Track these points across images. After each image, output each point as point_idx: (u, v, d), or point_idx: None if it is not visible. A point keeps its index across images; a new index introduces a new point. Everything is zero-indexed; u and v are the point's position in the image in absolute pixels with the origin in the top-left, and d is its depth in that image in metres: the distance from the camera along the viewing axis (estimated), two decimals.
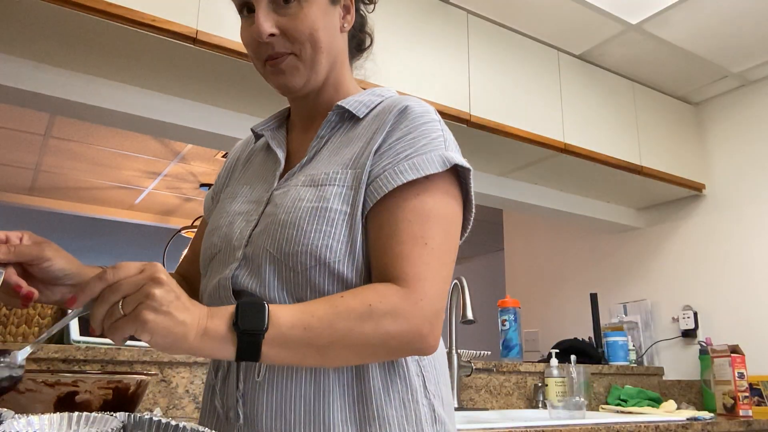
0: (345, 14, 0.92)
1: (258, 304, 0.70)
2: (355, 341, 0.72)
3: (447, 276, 0.79)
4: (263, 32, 0.84)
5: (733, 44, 2.55)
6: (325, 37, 0.87)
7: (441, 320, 0.77)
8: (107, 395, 0.77)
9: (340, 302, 0.73)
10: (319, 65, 0.88)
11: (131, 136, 3.95)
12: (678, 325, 2.93)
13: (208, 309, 0.69)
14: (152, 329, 0.63)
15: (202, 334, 0.67)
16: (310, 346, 0.71)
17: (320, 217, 0.79)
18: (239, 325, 0.68)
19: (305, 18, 0.85)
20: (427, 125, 0.84)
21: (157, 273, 0.65)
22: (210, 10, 1.71)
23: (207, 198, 1.07)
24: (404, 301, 0.74)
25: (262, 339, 0.68)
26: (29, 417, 0.58)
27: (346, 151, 0.86)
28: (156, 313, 0.64)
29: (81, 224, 6.02)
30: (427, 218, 0.79)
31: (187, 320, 0.66)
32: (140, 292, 0.64)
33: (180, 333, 0.65)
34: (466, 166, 0.84)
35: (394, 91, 0.96)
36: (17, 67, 1.76)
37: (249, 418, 0.79)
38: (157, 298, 0.64)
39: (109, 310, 0.64)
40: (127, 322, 0.64)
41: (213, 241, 0.90)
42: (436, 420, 0.83)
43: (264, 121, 1.00)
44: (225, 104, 2.06)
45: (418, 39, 2.16)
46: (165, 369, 1.68)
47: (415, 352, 0.76)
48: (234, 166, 1.04)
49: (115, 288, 0.64)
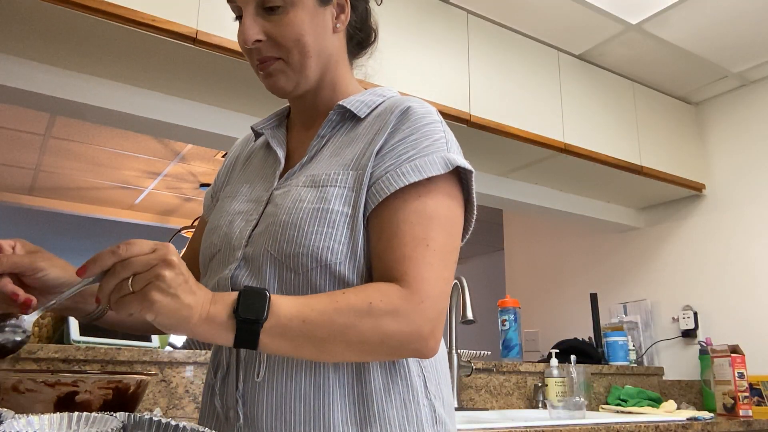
0: (339, 13, 0.91)
1: (260, 292, 0.70)
2: (353, 338, 0.72)
3: (449, 277, 0.79)
4: (248, 38, 0.85)
5: (733, 44, 2.55)
6: (313, 42, 0.87)
7: (442, 322, 0.77)
8: (107, 395, 0.77)
9: (341, 298, 0.73)
10: (308, 69, 0.88)
11: (131, 136, 3.95)
12: (678, 325, 2.93)
13: (213, 294, 0.70)
14: (158, 310, 0.65)
15: (205, 318, 0.68)
16: (308, 338, 0.71)
17: (321, 218, 0.79)
18: (239, 313, 0.68)
19: (290, 24, 0.85)
20: (429, 126, 0.84)
21: (169, 255, 0.66)
22: (210, 10, 1.71)
23: (206, 196, 1.06)
24: (406, 301, 0.74)
25: (260, 328, 0.69)
26: (29, 417, 0.58)
27: (347, 152, 0.86)
28: (163, 294, 0.65)
29: (81, 224, 6.02)
30: (428, 220, 0.79)
31: (192, 303, 0.67)
32: (151, 271, 0.64)
33: (184, 315, 0.66)
34: (469, 168, 0.84)
35: (396, 91, 0.96)
36: (17, 67, 1.76)
37: (249, 418, 0.79)
38: (166, 279, 0.65)
39: (118, 285, 0.65)
40: (134, 299, 0.65)
41: (212, 240, 0.90)
42: (437, 420, 0.82)
43: (264, 120, 1.00)
44: (225, 104, 2.06)
45: (418, 39, 2.16)
46: (165, 369, 1.68)
47: (414, 353, 0.76)
48: (234, 164, 1.04)
49: (126, 264, 0.65)
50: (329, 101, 0.93)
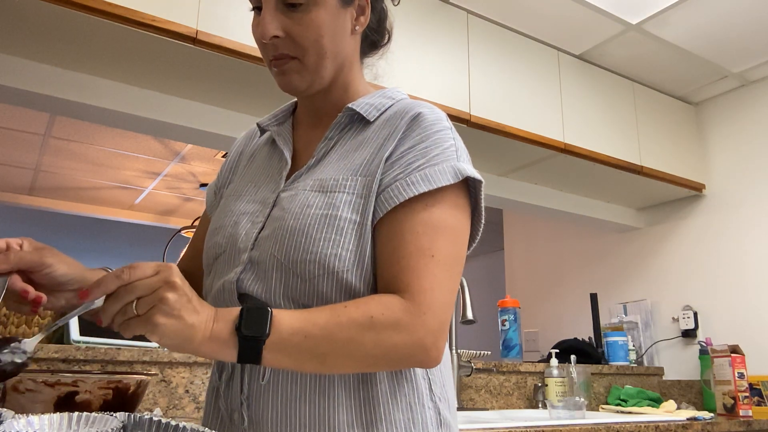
0: (359, 15, 0.89)
1: (262, 309, 0.70)
2: (355, 352, 0.72)
3: (453, 288, 0.78)
4: (266, 33, 0.83)
5: (733, 44, 2.55)
6: (331, 44, 0.85)
7: (446, 332, 0.77)
8: (107, 395, 0.77)
9: (343, 312, 0.72)
10: (323, 70, 0.86)
11: (131, 136, 3.95)
12: (678, 325, 2.93)
13: (216, 311, 0.70)
14: (162, 332, 0.65)
15: (208, 337, 0.68)
16: (310, 353, 0.71)
17: (329, 225, 0.78)
18: (242, 330, 0.69)
19: (311, 24, 0.83)
20: (439, 134, 0.83)
21: (172, 276, 0.66)
22: (210, 10, 1.71)
23: (209, 192, 1.04)
24: (407, 313, 0.73)
25: (263, 345, 0.69)
26: (29, 417, 0.58)
27: (355, 156, 0.85)
28: (167, 316, 0.65)
29: (81, 224, 6.02)
30: (434, 230, 0.78)
31: (195, 323, 0.67)
32: (154, 295, 0.65)
33: (188, 336, 0.67)
34: (478, 178, 0.83)
35: (405, 94, 0.95)
36: (17, 67, 1.76)
37: (253, 421, 0.79)
38: (170, 302, 0.65)
39: (122, 309, 0.66)
40: (139, 322, 0.65)
41: (217, 240, 0.88)
42: (442, 423, 0.82)
43: (269, 116, 0.98)
44: (225, 104, 2.06)
45: (418, 39, 2.16)
46: (165, 369, 1.68)
47: (417, 364, 0.76)
48: (237, 160, 1.02)
49: (130, 288, 0.65)
50: (339, 102, 0.91)
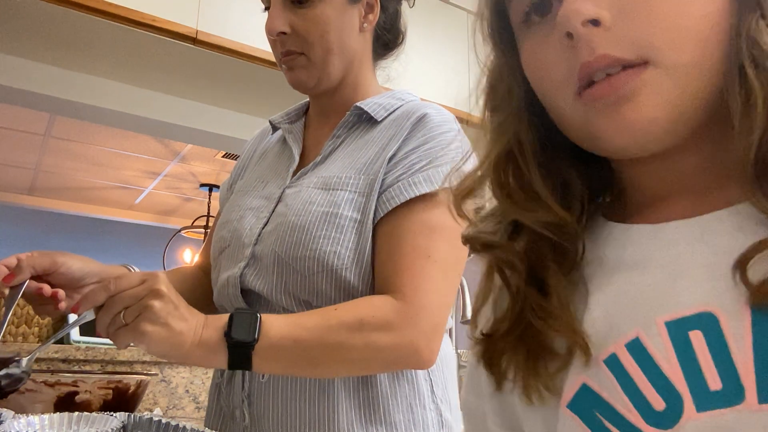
0: (367, 13, 0.89)
1: (251, 315, 0.70)
2: (345, 355, 0.72)
3: (449, 289, 0.78)
4: (273, 29, 0.84)
5: None
6: (337, 39, 0.85)
7: (440, 334, 0.76)
8: (107, 395, 0.77)
9: (333, 315, 0.72)
10: (330, 66, 0.86)
11: (131, 136, 3.95)
12: None
13: (206, 318, 0.70)
14: (150, 340, 0.66)
15: (197, 344, 0.68)
16: (301, 358, 0.71)
17: (330, 222, 0.78)
18: (231, 336, 0.69)
19: (316, 19, 0.84)
20: (444, 135, 0.83)
21: (157, 284, 0.67)
22: (210, 10, 1.71)
23: (222, 189, 1.05)
24: (398, 314, 0.73)
25: (252, 351, 0.69)
26: (29, 417, 0.58)
27: (360, 155, 0.85)
28: (154, 324, 0.66)
29: (81, 224, 6.02)
30: (432, 231, 0.77)
31: (183, 330, 0.67)
32: (140, 303, 0.66)
33: (176, 342, 0.67)
34: None
35: (416, 96, 0.94)
36: (17, 67, 1.76)
37: (255, 418, 0.79)
38: (155, 310, 0.66)
39: (112, 319, 0.67)
40: (127, 331, 0.66)
41: (223, 234, 0.89)
42: (443, 425, 0.82)
43: (282, 113, 0.99)
44: (225, 104, 2.06)
45: (418, 39, 2.16)
46: (165, 369, 1.68)
47: (410, 366, 0.76)
48: (250, 157, 1.03)
49: (117, 299, 0.66)
50: (349, 101, 0.91)
